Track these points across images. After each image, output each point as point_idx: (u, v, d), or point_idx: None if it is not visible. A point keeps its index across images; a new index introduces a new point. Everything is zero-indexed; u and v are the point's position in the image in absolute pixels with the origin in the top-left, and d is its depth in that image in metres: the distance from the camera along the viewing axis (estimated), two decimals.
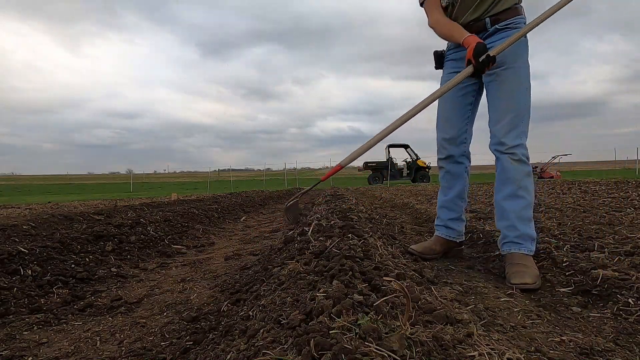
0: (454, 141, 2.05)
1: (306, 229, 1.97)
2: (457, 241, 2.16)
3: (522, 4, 1.85)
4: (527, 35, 1.77)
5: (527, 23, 1.79)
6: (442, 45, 2.05)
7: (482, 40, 1.71)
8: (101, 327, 1.41)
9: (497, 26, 1.81)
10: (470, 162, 2.14)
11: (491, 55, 1.66)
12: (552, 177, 19.40)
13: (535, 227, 1.94)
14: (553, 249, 1.91)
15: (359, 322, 0.77)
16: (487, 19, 1.81)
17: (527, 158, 1.80)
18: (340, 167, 1.81)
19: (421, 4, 1.99)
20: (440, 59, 2.01)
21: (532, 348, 0.99)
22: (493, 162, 1.87)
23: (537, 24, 1.74)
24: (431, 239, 2.19)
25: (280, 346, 0.78)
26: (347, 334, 0.73)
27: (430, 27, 1.93)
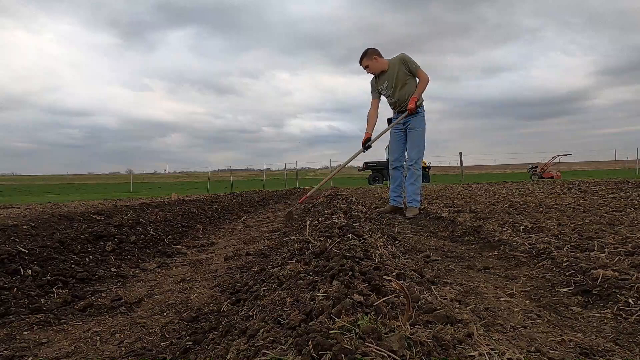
0: (397, 160, 4.37)
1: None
2: (400, 207, 4.40)
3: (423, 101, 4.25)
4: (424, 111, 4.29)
5: (422, 109, 4.23)
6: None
7: (370, 137, 4.18)
8: (101, 327, 1.41)
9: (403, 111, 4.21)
10: (404, 169, 4.37)
11: (370, 144, 4.18)
12: (552, 177, 19.39)
13: (536, 227, 2.60)
14: (553, 249, 1.92)
15: (358, 323, 0.77)
16: (403, 108, 4.19)
17: (419, 168, 4.24)
18: (306, 197, 4.31)
19: (372, 98, 4.34)
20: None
21: (532, 348, 0.99)
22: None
23: (400, 120, 4.18)
24: (388, 205, 4.50)
25: (280, 346, 0.78)
26: (347, 334, 0.73)
27: (368, 111, 4.31)
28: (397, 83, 4.11)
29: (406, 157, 4.33)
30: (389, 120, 4.34)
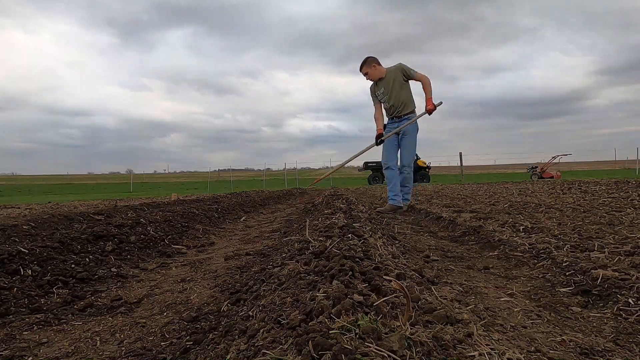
0: (389, 160, 4.69)
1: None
2: (400, 206, 4.62)
3: (415, 108, 4.67)
4: (418, 121, 4.66)
5: (414, 115, 4.60)
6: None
7: (382, 132, 4.61)
8: (101, 327, 1.41)
9: (402, 117, 4.60)
10: (397, 169, 4.70)
11: (382, 139, 4.58)
12: (552, 177, 19.39)
13: (536, 227, 2.62)
14: (553, 249, 1.92)
15: (359, 323, 0.77)
16: (401, 115, 4.61)
17: (411, 171, 4.70)
18: (319, 179, 5.84)
19: (373, 104, 4.77)
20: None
21: (532, 348, 0.99)
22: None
23: (412, 121, 4.56)
24: (387, 205, 4.65)
25: (280, 346, 0.78)
26: (347, 334, 0.73)
27: (374, 114, 4.75)
28: (393, 90, 4.54)
29: (398, 161, 4.80)
30: (384, 126, 4.80)
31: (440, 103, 4.52)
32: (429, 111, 4.44)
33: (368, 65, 4.59)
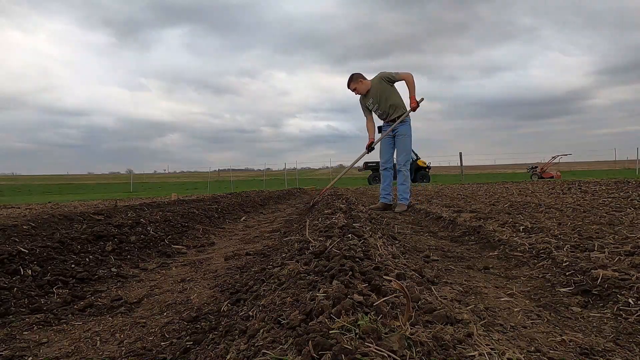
0: (387, 162, 4.98)
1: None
2: (390, 204, 4.94)
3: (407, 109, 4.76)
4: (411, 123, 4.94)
5: (406, 117, 4.78)
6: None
7: (373, 141, 4.94)
8: (101, 327, 1.41)
9: (394, 120, 4.79)
10: (393, 170, 5.02)
11: (373, 146, 4.97)
12: (552, 177, 19.40)
13: (536, 227, 2.61)
14: (553, 249, 1.92)
15: (358, 323, 0.77)
16: (394, 119, 4.80)
17: (408, 170, 4.89)
18: (326, 189, 6.30)
19: (365, 115, 5.03)
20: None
21: (532, 348, 0.99)
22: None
23: (399, 122, 4.75)
24: (379, 203, 4.96)
25: (280, 346, 0.78)
26: (347, 334, 0.73)
27: (365, 124, 5.03)
28: (381, 98, 4.82)
29: (395, 160, 5.06)
30: (379, 128, 5.10)
31: (422, 99, 4.72)
32: (413, 109, 4.69)
33: (355, 82, 4.86)
